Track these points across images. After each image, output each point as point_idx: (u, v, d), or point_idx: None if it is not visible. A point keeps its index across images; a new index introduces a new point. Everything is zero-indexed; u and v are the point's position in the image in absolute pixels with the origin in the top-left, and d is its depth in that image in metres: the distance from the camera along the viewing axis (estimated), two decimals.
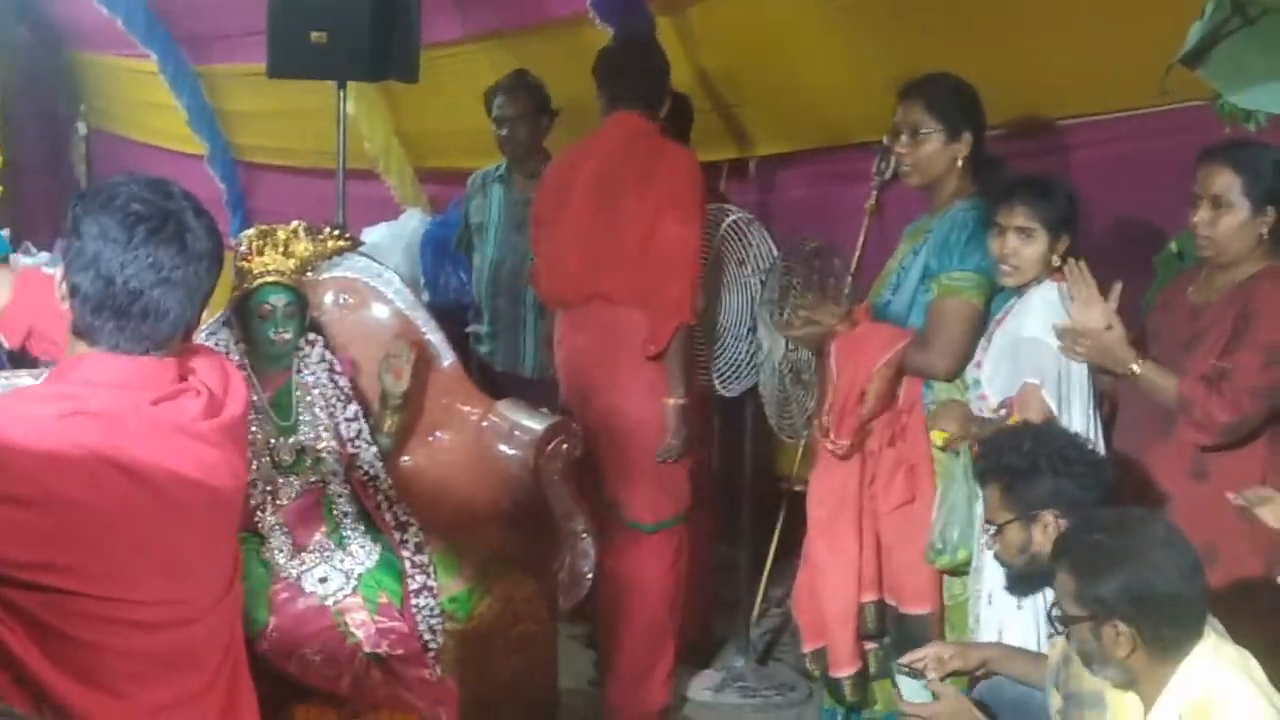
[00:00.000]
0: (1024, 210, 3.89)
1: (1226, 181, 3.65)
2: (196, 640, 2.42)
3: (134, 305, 2.30)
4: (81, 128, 10.90)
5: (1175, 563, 2.84)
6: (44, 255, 10.00)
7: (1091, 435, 3.78)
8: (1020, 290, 3.97)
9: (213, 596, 2.45)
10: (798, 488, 5.95)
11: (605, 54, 5.16)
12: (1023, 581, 3.51)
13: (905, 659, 3.68)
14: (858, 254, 5.72)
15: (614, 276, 4.93)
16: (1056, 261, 3.91)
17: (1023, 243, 3.89)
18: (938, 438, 4.07)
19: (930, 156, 4.25)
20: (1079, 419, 3.80)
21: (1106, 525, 2.97)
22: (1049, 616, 3.05)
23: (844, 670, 4.40)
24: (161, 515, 2.31)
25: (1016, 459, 3.39)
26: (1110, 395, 3.97)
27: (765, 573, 5.89)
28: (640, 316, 4.89)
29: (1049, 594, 3.33)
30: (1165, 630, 2.82)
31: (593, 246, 4.96)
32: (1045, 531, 3.35)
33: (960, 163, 4.25)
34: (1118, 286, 3.72)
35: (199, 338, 4.49)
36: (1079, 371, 3.82)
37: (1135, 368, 3.68)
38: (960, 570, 4.10)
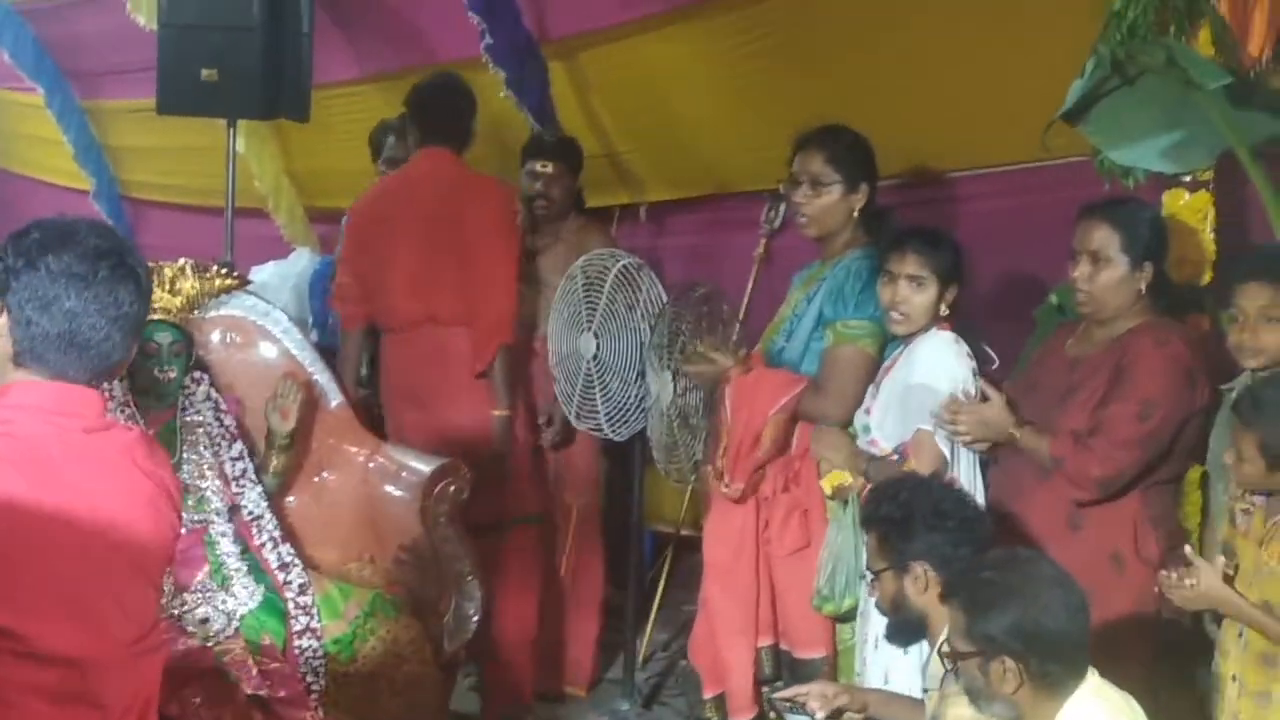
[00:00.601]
0: (915, 259, 3.94)
1: (1105, 237, 3.73)
2: (100, 683, 2.38)
3: (93, 339, 2.35)
4: None
5: (1062, 601, 2.90)
6: None
7: (977, 481, 3.85)
8: (908, 338, 4.02)
9: (122, 642, 2.40)
10: (684, 532, 6.00)
11: (417, 94, 5.45)
12: (902, 632, 3.54)
13: (785, 693, 3.70)
14: (746, 300, 5.77)
15: (441, 301, 5.25)
16: (945, 310, 3.97)
17: (914, 291, 3.95)
18: (827, 486, 4.10)
19: (829, 207, 4.30)
20: (965, 465, 3.87)
21: (996, 563, 3.02)
22: (938, 652, 3.09)
23: (742, 716, 4.41)
24: (74, 549, 2.30)
25: (892, 509, 3.43)
26: None
27: (651, 616, 5.90)
28: (465, 336, 5.23)
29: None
30: (1051, 667, 2.87)
31: (420, 274, 5.26)
32: (915, 583, 3.38)
33: (856, 213, 4.31)
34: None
35: None
36: None
37: (1014, 433, 3.76)
38: (847, 616, 4.13)
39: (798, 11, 5.10)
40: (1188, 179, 4.00)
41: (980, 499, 3.81)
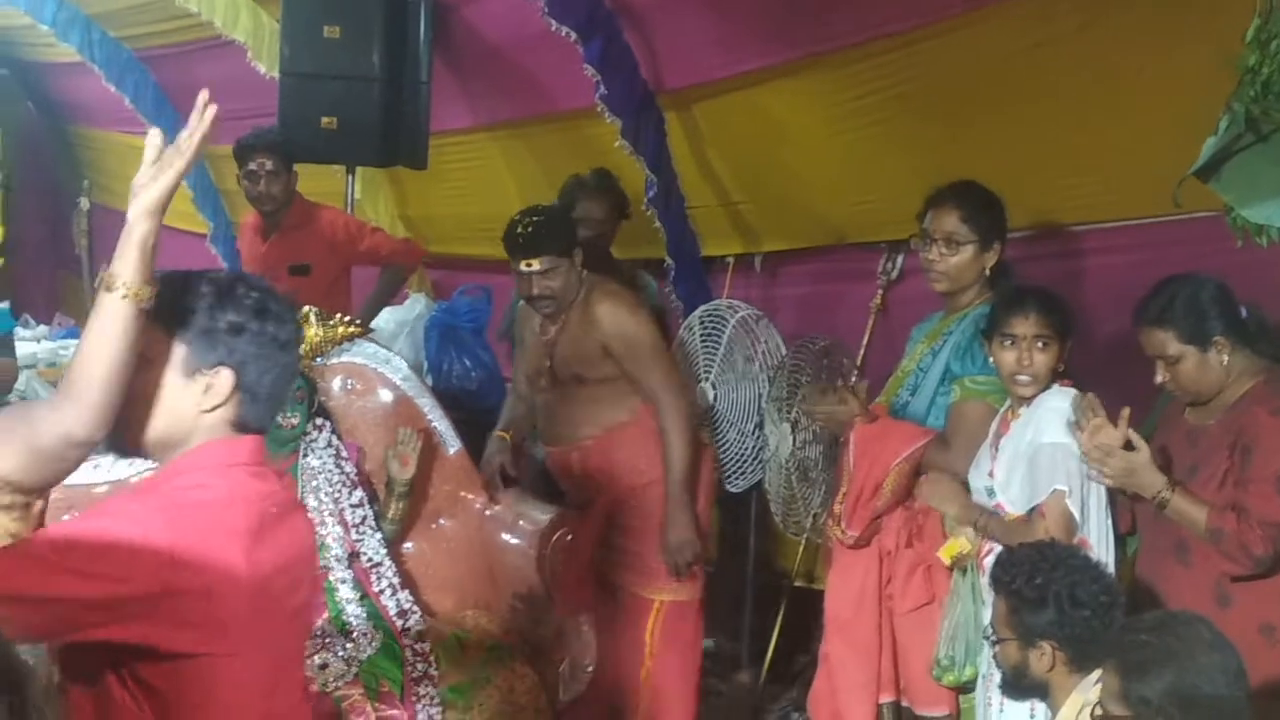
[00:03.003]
0: (1039, 319, 3.88)
1: (1163, 341, 3.66)
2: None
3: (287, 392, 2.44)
4: (84, 203, 10.89)
5: (1220, 666, 2.83)
6: (42, 329, 10.05)
7: (1105, 545, 3.78)
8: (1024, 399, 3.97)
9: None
10: (799, 583, 5.97)
11: (277, 145, 6.14)
12: (1018, 689, 3.49)
13: None
14: (863, 352, 5.75)
15: None
16: (1061, 367, 3.93)
17: (1040, 351, 3.88)
18: (946, 556, 4.03)
19: (963, 266, 4.26)
20: (1095, 528, 3.79)
21: (1152, 626, 2.95)
22: (1091, 715, 3.03)
23: None
24: (292, 588, 2.36)
25: (1026, 587, 3.33)
26: (1131, 510, 3.95)
27: (764, 668, 5.86)
28: None
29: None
30: None
31: None
32: (1040, 659, 3.31)
33: (987, 271, 4.28)
34: (1125, 412, 3.66)
35: None
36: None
37: (1166, 495, 3.63)
38: (967, 687, 4.07)
39: (917, 65, 5.07)
40: None
41: (1111, 563, 3.74)
